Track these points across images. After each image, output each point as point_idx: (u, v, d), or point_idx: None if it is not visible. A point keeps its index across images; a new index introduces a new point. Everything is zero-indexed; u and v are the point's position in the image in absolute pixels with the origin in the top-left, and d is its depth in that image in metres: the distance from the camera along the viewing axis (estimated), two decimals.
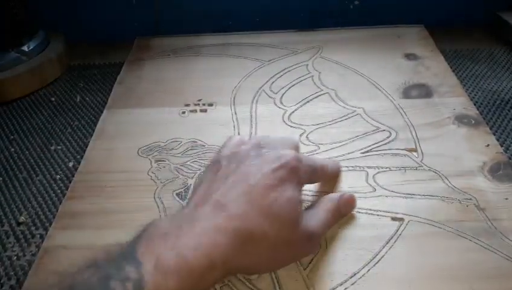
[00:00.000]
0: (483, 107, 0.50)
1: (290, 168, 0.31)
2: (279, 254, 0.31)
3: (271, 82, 0.54)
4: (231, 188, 0.30)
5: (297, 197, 0.31)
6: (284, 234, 0.30)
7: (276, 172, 0.31)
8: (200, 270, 0.26)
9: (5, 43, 0.56)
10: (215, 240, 0.27)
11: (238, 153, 0.33)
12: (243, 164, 0.32)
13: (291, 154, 0.32)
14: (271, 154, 0.32)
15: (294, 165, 0.32)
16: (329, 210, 0.35)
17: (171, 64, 0.59)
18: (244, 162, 0.32)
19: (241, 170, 0.31)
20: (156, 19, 0.67)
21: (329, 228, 0.35)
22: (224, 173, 0.32)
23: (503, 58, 0.59)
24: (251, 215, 0.29)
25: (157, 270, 0.25)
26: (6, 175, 0.45)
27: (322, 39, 0.62)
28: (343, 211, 0.36)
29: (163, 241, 0.27)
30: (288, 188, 0.31)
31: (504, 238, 0.35)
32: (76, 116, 0.53)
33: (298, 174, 0.32)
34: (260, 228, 0.29)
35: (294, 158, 0.32)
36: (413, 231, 0.36)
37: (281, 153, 0.32)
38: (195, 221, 0.28)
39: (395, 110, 0.49)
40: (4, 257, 0.37)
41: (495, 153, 0.43)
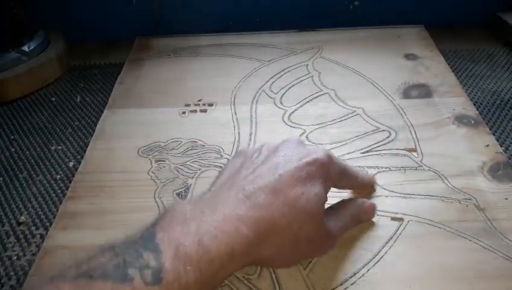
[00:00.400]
0: (483, 108, 0.50)
1: (321, 164, 0.31)
2: (299, 248, 0.30)
3: (271, 82, 0.54)
4: (258, 177, 0.30)
5: (323, 195, 0.31)
6: (307, 229, 0.30)
7: (307, 166, 0.30)
8: (220, 259, 0.26)
9: (5, 43, 0.56)
10: (237, 228, 0.27)
11: (269, 145, 0.33)
12: (273, 155, 0.32)
13: (323, 151, 0.32)
14: (302, 148, 0.32)
15: (325, 161, 0.31)
16: (351, 214, 0.35)
17: (171, 64, 0.59)
18: (275, 153, 0.32)
19: (271, 161, 0.31)
20: (156, 19, 0.67)
21: (346, 231, 0.35)
22: (253, 162, 0.32)
23: (503, 59, 0.59)
24: (276, 206, 0.28)
25: (178, 259, 0.25)
26: (6, 175, 0.45)
27: (322, 39, 0.62)
28: (363, 218, 0.36)
29: (184, 228, 0.26)
30: (316, 183, 0.30)
31: (504, 238, 0.35)
32: (77, 116, 0.53)
33: (328, 172, 0.32)
34: (284, 220, 0.28)
35: (326, 155, 0.32)
36: (413, 231, 0.36)
37: (313, 149, 0.32)
38: (218, 208, 0.28)
39: (395, 110, 0.49)
40: (4, 257, 0.37)
41: (495, 153, 0.43)
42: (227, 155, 0.44)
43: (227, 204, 0.28)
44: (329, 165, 0.32)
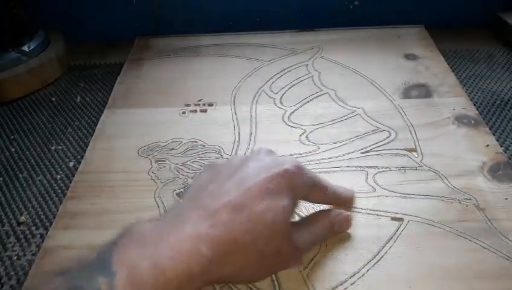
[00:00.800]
0: (483, 108, 0.50)
1: (290, 175, 0.30)
2: (264, 263, 0.29)
3: (271, 82, 0.54)
4: (225, 193, 0.29)
5: (291, 208, 0.30)
6: (273, 244, 0.29)
7: (275, 178, 0.29)
8: (178, 281, 0.25)
9: (5, 43, 0.56)
10: (196, 248, 0.26)
11: (237, 158, 0.32)
12: (241, 168, 0.30)
13: (292, 161, 0.31)
14: (272, 160, 0.31)
15: (294, 172, 0.30)
16: (322, 226, 0.34)
17: (171, 64, 0.59)
18: (243, 166, 0.31)
19: (239, 174, 0.30)
20: (156, 19, 0.67)
21: (316, 244, 0.34)
22: (221, 177, 0.30)
23: (503, 59, 0.59)
24: (239, 223, 0.27)
25: (131, 282, 0.24)
26: (6, 175, 0.45)
27: (322, 39, 0.62)
28: (337, 230, 0.35)
29: (140, 249, 0.25)
30: (284, 196, 0.29)
31: (504, 238, 0.35)
32: (77, 116, 0.53)
33: (297, 184, 0.31)
34: (248, 236, 0.27)
35: (295, 166, 0.31)
36: (413, 231, 0.36)
37: (282, 159, 0.31)
38: (179, 227, 0.27)
39: (394, 110, 0.49)
40: (4, 257, 0.37)
41: (495, 153, 0.43)
42: (227, 155, 0.44)
43: (188, 223, 0.27)
44: (298, 176, 0.31)
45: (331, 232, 0.34)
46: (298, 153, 0.44)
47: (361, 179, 0.41)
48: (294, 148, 0.45)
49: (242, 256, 0.28)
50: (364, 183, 0.40)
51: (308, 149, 0.44)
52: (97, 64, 0.63)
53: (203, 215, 0.27)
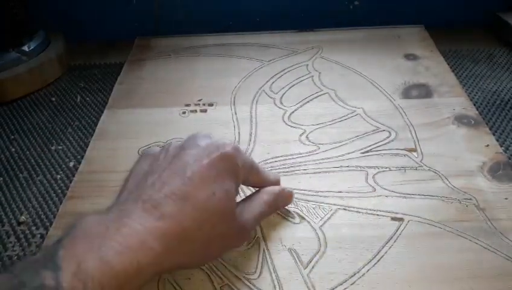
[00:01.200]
0: (483, 108, 0.50)
1: (229, 158, 0.30)
2: (212, 247, 0.30)
3: (271, 82, 0.54)
4: (166, 183, 0.28)
5: (235, 190, 0.30)
6: (219, 228, 0.29)
7: (216, 163, 0.29)
8: (125, 275, 0.24)
9: (5, 43, 0.56)
10: (144, 242, 0.25)
11: (175, 144, 0.32)
12: (180, 155, 0.30)
13: (230, 144, 0.31)
14: (209, 144, 0.31)
15: (233, 154, 0.30)
16: (266, 202, 0.34)
17: (171, 65, 0.59)
18: (181, 153, 0.30)
19: (178, 162, 0.29)
20: (156, 19, 0.67)
21: (262, 219, 0.35)
22: (159, 165, 0.30)
23: (503, 59, 0.59)
24: (185, 213, 0.27)
25: (77, 277, 0.23)
26: (6, 175, 0.45)
27: (322, 39, 0.62)
28: (280, 204, 0.37)
29: (87, 243, 0.25)
30: (226, 179, 0.29)
31: (504, 238, 0.35)
32: (77, 116, 0.53)
33: (237, 166, 0.31)
34: (195, 225, 0.27)
35: (233, 148, 0.31)
36: (413, 231, 0.36)
37: (221, 143, 0.31)
38: (125, 220, 0.26)
39: (394, 110, 0.49)
40: (5, 257, 0.37)
41: (495, 153, 0.43)
42: None
43: (134, 217, 0.26)
44: (237, 158, 0.31)
45: (275, 207, 0.36)
46: (298, 153, 0.44)
47: (362, 179, 0.41)
48: (294, 148, 0.45)
49: (191, 244, 0.28)
50: (365, 183, 0.40)
51: (308, 149, 0.44)
52: (97, 64, 0.63)
53: (148, 208, 0.27)
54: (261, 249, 0.35)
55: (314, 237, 0.36)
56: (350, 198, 0.39)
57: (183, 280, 0.33)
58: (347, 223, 0.37)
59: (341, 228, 0.36)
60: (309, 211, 0.38)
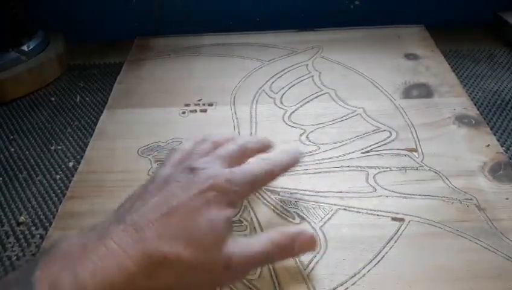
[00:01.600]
0: (484, 107, 0.50)
1: (219, 189, 0.29)
2: (192, 278, 0.28)
3: (271, 82, 0.54)
4: (152, 209, 0.28)
5: (221, 219, 0.28)
6: (200, 258, 0.27)
7: (203, 194, 0.28)
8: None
9: (4, 43, 0.56)
10: (119, 263, 0.25)
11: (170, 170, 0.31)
12: (169, 184, 0.29)
13: (223, 174, 0.30)
14: (202, 173, 0.30)
15: (224, 186, 0.29)
16: (272, 241, 0.30)
17: (171, 64, 0.59)
18: (171, 182, 0.30)
19: (166, 190, 0.29)
20: (156, 19, 0.67)
21: (260, 263, 0.31)
22: (151, 191, 0.29)
23: (504, 59, 0.59)
24: (166, 238, 0.27)
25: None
26: (6, 175, 0.45)
27: (322, 39, 0.62)
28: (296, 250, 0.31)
29: (63, 262, 0.25)
30: (213, 209, 0.28)
31: (504, 238, 0.35)
32: (76, 116, 0.53)
33: (229, 196, 0.29)
34: (174, 252, 0.26)
35: (226, 180, 0.29)
36: (414, 231, 0.36)
37: (213, 174, 0.30)
38: (104, 240, 0.26)
39: (395, 110, 0.49)
40: (4, 257, 0.37)
41: (495, 153, 0.43)
42: None
43: (114, 237, 0.26)
44: (229, 189, 0.29)
45: (284, 252, 0.31)
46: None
47: (362, 179, 0.41)
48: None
49: (168, 272, 0.27)
50: (365, 184, 0.40)
51: (308, 149, 0.44)
52: (97, 64, 0.62)
53: (129, 230, 0.27)
54: None
55: None
56: (350, 198, 0.39)
57: None
58: (347, 223, 0.37)
59: (341, 228, 0.36)
60: (309, 212, 0.38)
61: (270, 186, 0.40)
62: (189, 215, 0.28)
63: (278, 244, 0.30)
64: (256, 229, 0.37)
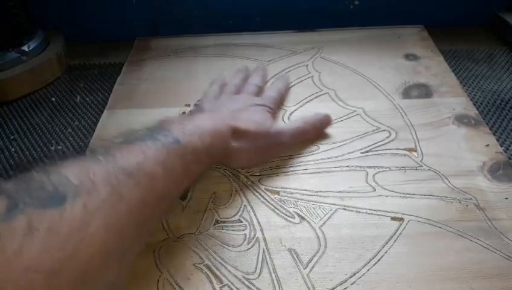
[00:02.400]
0: (483, 107, 0.50)
1: (261, 102, 0.46)
2: (258, 142, 0.40)
3: (271, 82, 0.54)
4: (236, 100, 0.46)
5: (269, 115, 0.44)
6: (261, 130, 0.41)
7: (252, 105, 0.45)
8: (210, 138, 0.36)
9: (5, 43, 0.56)
10: (222, 125, 0.38)
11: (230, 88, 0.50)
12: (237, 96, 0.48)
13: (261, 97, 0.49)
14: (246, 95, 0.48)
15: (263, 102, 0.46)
16: (306, 122, 0.45)
17: (171, 65, 0.59)
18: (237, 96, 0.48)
19: (244, 96, 0.48)
20: (156, 19, 0.67)
21: (301, 136, 0.45)
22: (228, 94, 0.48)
23: (503, 59, 0.59)
24: (238, 120, 0.40)
25: (185, 133, 0.34)
26: (6, 175, 0.45)
27: (322, 39, 0.62)
28: (318, 125, 0.46)
29: (182, 120, 0.36)
30: (262, 110, 0.44)
31: (504, 237, 0.35)
32: (77, 116, 0.53)
33: (267, 107, 0.45)
34: (244, 125, 0.39)
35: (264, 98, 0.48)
36: (413, 231, 0.36)
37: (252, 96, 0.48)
38: (203, 112, 0.43)
39: (395, 110, 0.49)
40: None
41: (495, 153, 0.43)
42: None
43: (218, 113, 0.42)
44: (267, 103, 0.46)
45: (313, 126, 0.45)
46: (298, 152, 0.44)
47: (362, 179, 0.41)
48: (294, 148, 0.44)
49: (244, 136, 0.39)
50: (365, 183, 0.40)
51: (308, 149, 0.44)
52: (97, 64, 0.63)
53: (227, 113, 0.42)
54: (260, 249, 0.35)
55: (314, 237, 0.36)
56: (350, 198, 0.39)
57: (183, 280, 0.33)
58: (347, 223, 0.37)
59: (341, 228, 0.36)
60: (309, 211, 0.38)
61: (270, 186, 0.41)
62: (250, 112, 0.43)
63: (307, 121, 0.45)
64: (256, 229, 0.37)
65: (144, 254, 0.35)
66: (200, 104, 0.47)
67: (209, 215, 0.38)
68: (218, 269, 0.34)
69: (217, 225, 0.37)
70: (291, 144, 0.44)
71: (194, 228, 0.37)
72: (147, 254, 0.35)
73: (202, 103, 0.48)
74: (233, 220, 0.38)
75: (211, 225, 0.37)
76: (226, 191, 0.40)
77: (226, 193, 0.40)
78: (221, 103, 0.45)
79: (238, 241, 0.36)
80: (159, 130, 0.33)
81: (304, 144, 0.44)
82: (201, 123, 0.36)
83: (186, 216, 0.38)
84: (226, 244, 0.36)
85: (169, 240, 0.36)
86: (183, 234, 0.37)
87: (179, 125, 0.35)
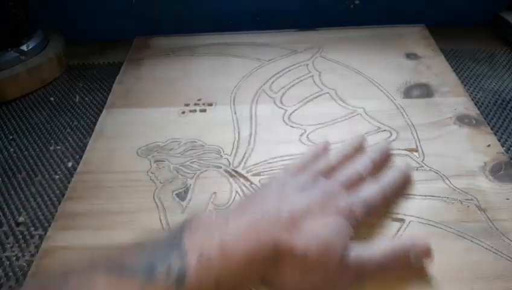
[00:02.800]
0: (484, 107, 0.50)
1: (341, 210, 0.32)
2: (313, 277, 0.29)
3: (271, 82, 0.54)
4: (289, 201, 0.31)
5: (342, 229, 0.31)
6: (328, 256, 0.29)
7: (326, 207, 0.32)
8: (241, 265, 0.27)
9: (4, 43, 0.56)
10: (257, 241, 0.28)
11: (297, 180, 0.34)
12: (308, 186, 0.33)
13: (344, 199, 0.33)
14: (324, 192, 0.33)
15: (344, 208, 0.32)
16: (391, 249, 0.31)
17: (170, 64, 0.59)
18: (307, 184, 0.33)
19: (303, 192, 0.33)
20: (156, 19, 0.67)
21: (375, 267, 0.31)
22: (284, 190, 0.33)
23: (504, 58, 0.59)
24: (298, 233, 0.29)
25: (200, 263, 0.26)
26: (5, 175, 0.45)
27: (322, 39, 0.62)
28: (415, 263, 0.31)
29: (209, 234, 0.28)
30: (335, 219, 0.31)
31: (505, 238, 0.35)
32: (76, 116, 0.53)
33: (348, 217, 0.32)
34: (302, 245, 0.29)
35: (345, 203, 0.33)
36: (414, 232, 0.36)
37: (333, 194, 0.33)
38: (242, 219, 0.29)
39: (396, 110, 0.49)
40: (3, 258, 0.37)
41: (496, 153, 0.43)
42: (227, 155, 0.44)
43: (254, 218, 0.30)
44: (349, 211, 0.32)
45: (395, 261, 0.31)
46: (299, 153, 0.44)
47: None
48: (295, 149, 0.44)
49: (302, 275, 0.29)
50: None
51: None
52: (96, 64, 0.62)
53: (283, 218, 0.30)
54: None
55: None
56: None
57: None
58: None
59: None
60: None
61: None
62: (321, 219, 0.30)
63: (393, 252, 0.31)
64: None
65: None
66: (261, 188, 0.36)
67: None
68: None
69: None
70: (357, 279, 0.31)
71: None
72: None
73: (266, 185, 0.35)
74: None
75: None
76: (226, 192, 0.40)
77: (226, 193, 0.40)
78: (285, 194, 0.32)
79: None
80: (167, 251, 0.27)
81: None
82: (232, 239, 0.28)
83: None
84: None
85: None
86: None
87: (199, 239, 0.27)
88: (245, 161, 0.43)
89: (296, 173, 0.35)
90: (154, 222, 0.37)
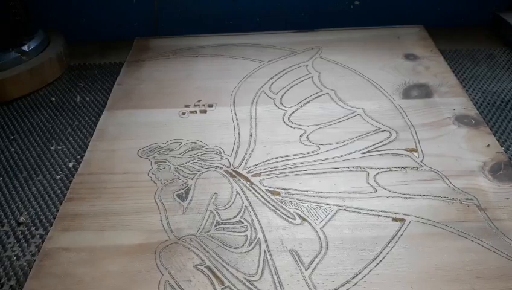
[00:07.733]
0: (483, 108, 0.50)
1: None
2: None
3: (271, 83, 0.54)
4: None
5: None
6: None
7: None
8: None
9: (5, 43, 0.56)
10: None
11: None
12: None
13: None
14: None
15: None
16: None
17: (170, 65, 0.59)
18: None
19: None
20: (156, 19, 0.67)
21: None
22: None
23: (503, 59, 0.59)
24: None
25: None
26: (6, 175, 0.45)
27: (321, 40, 0.62)
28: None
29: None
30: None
31: (505, 238, 0.35)
32: (77, 116, 0.53)
33: None
34: None
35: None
36: (414, 232, 0.36)
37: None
38: None
39: (395, 111, 0.49)
40: (4, 257, 0.37)
41: (495, 153, 0.43)
42: (228, 156, 0.44)
43: None
44: None
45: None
46: (299, 153, 0.44)
47: (362, 179, 0.41)
48: (295, 149, 0.44)
49: None
50: (365, 184, 0.40)
51: (308, 150, 0.44)
52: (97, 64, 0.62)
53: None
54: (261, 250, 0.35)
55: (315, 238, 0.36)
56: (351, 199, 0.39)
57: (184, 282, 0.33)
58: (348, 224, 0.37)
59: (342, 228, 0.36)
60: (310, 212, 0.38)
61: (271, 187, 0.40)
62: None
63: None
64: (257, 230, 0.37)
65: (145, 256, 0.35)
66: None
67: (210, 217, 0.38)
68: (220, 270, 0.34)
69: (217, 226, 0.37)
70: None
71: (195, 230, 0.37)
72: (148, 255, 0.35)
73: None
74: (234, 222, 0.37)
75: (212, 226, 0.37)
76: (227, 192, 0.40)
77: (226, 193, 0.40)
78: None
79: (239, 243, 0.36)
80: None
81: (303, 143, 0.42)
82: None
83: (187, 217, 0.38)
84: (227, 245, 0.36)
85: (170, 241, 0.36)
86: (184, 236, 0.37)
87: None
88: (245, 162, 0.43)
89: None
90: (155, 223, 0.38)
